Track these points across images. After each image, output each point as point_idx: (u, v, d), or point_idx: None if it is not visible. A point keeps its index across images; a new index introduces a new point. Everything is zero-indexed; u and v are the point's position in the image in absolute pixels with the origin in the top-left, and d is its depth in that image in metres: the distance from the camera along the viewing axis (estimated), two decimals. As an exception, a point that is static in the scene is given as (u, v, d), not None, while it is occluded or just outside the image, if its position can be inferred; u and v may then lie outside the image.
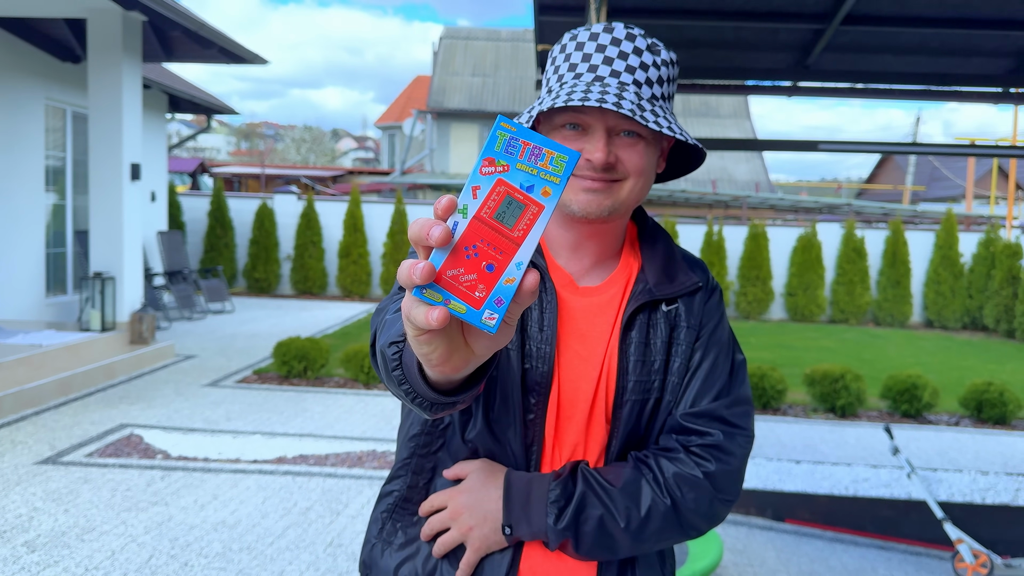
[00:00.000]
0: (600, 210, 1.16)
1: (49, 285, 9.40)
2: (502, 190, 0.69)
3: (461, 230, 0.70)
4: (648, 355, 1.21)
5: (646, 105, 1.14)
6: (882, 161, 31.24)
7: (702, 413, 1.21)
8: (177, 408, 6.24)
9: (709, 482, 1.18)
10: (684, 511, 1.17)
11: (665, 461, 1.19)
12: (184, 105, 12.89)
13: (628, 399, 1.20)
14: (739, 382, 1.26)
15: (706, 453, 1.19)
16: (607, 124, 1.15)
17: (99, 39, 7.80)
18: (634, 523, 1.15)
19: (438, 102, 23.17)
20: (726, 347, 1.27)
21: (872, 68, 4.92)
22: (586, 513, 1.15)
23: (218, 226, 13.88)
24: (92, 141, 7.93)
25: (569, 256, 1.25)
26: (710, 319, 1.26)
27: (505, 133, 0.69)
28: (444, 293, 0.69)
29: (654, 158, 1.20)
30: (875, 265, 13.73)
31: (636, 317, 1.22)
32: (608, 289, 1.24)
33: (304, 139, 51.67)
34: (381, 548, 1.27)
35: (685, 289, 1.24)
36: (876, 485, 5.07)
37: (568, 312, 1.22)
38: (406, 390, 0.97)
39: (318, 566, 3.64)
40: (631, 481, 1.17)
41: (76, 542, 3.76)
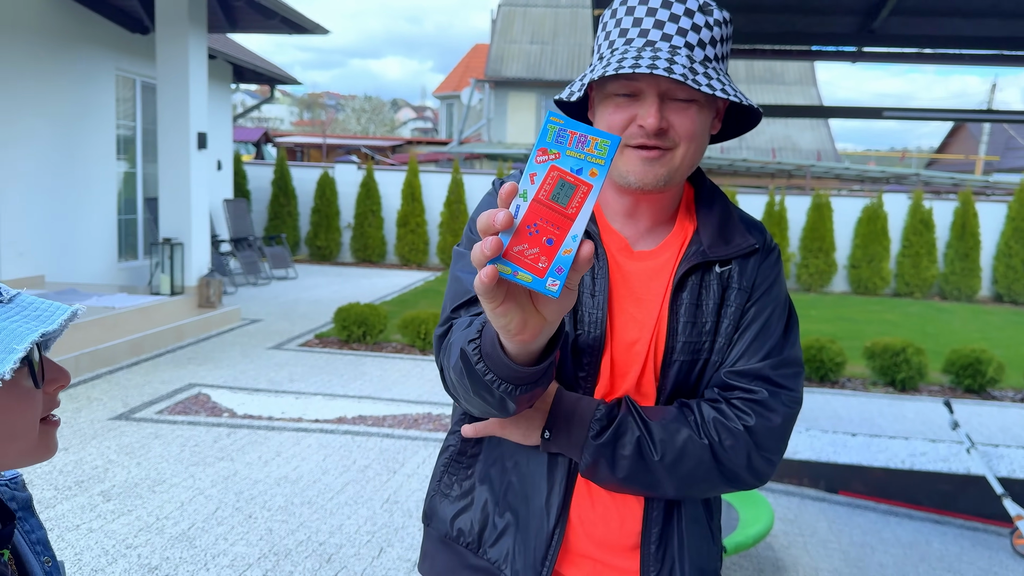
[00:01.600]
0: (656, 180, 1.17)
1: (121, 250, 9.77)
2: (555, 175, 0.80)
3: (523, 212, 0.81)
4: (699, 316, 1.22)
5: (699, 68, 1.12)
6: (954, 130, 30.11)
7: (747, 372, 1.21)
8: (243, 369, 6.47)
9: (748, 434, 1.18)
10: (721, 456, 1.18)
11: (707, 407, 1.20)
12: (248, 75, 13.14)
13: (676, 359, 1.22)
14: (790, 344, 1.24)
15: (747, 407, 1.19)
16: (659, 89, 1.14)
17: (166, 10, 8.00)
18: (669, 457, 1.17)
19: (496, 71, 23.10)
20: (779, 308, 1.26)
21: (941, 32, 4.77)
22: (625, 438, 1.17)
23: (281, 195, 14.18)
24: (160, 110, 8.17)
25: (624, 221, 1.26)
26: (764, 280, 1.25)
27: (554, 126, 0.80)
28: (512, 266, 0.81)
29: (708, 121, 1.19)
30: (943, 237, 13.33)
31: (688, 278, 1.22)
32: (663, 252, 1.25)
33: (364, 109, 52.10)
34: (439, 499, 1.35)
35: (740, 251, 1.24)
36: (934, 459, 5.00)
37: (623, 277, 1.23)
38: (490, 380, 1.01)
39: (375, 521, 3.78)
40: (671, 419, 1.19)
41: (148, 493, 3.97)
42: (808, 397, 6.43)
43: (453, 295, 1.26)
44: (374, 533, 3.66)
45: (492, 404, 1.07)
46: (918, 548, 3.90)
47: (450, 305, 1.25)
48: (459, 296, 1.24)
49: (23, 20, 7.94)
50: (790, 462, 4.71)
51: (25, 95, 8.00)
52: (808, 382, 6.90)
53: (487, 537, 1.29)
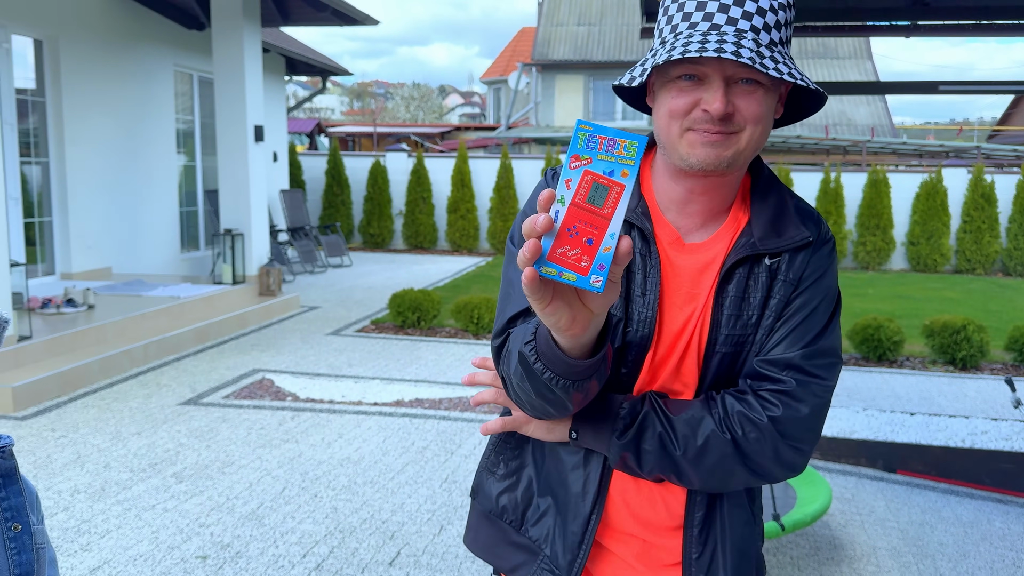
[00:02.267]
0: (719, 162, 1.14)
1: (183, 241, 10.08)
2: (589, 179, 0.86)
3: (562, 216, 0.86)
4: (744, 309, 1.20)
5: (765, 52, 1.10)
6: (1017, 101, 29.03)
7: (779, 361, 1.19)
8: (303, 355, 6.65)
9: (773, 425, 1.16)
10: (745, 449, 1.16)
11: (731, 399, 1.19)
12: (300, 67, 13.37)
13: (719, 351, 1.21)
14: (828, 334, 1.21)
15: (774, 398, 1.17)
16: (725, 73, 1.12)
17: (221, 6, 8.20)
18: (691, 452, 1.17)
19: (543, 54, 23.03)
20: (826, 301, 1.22)
21: (997, 3, 4.65)
22: (647, 434, 1.18)
23: (335, 184, 14.42)
24: (218, 104, 8.39)
25: (678, 211, 1.24)
26: (813, 271, 1.22)
27: (584, 133, 0.86)
28: (557, 267, 0.87)
29: (772, 105, 1.17)
30: (1005, 212, 12.94)
31: (735, 270, 1.20)
32: (714, 245, 1.23)
33: (413, 97, 52.41)
34: (486, 475, 1.40)
35: (792, 244, 1.21)
36: (995, 438, 4.92)
37: (674, 272, 1.22)
38: (548, 378, 1.07)
39: (434, 499, 3.89)
40: (694, 413, 1.19)
41: (218, 474, 4.15)
42: (866, 376, 6.36)
43: (507, 304, 1.26)
44: (434, 511, 3.77)
45: (553, 403, 1.12)
46: (979, 527, 3.86)
47: (505, 315, 1.25)
48: (513, 305, 1.24)
49: (86, 21, 8.22)
50: (847, 442, 4.69)
51: (91, 94, 8.30)
52: (865, 361, 6.82)
53: (529, 516, 1.33)
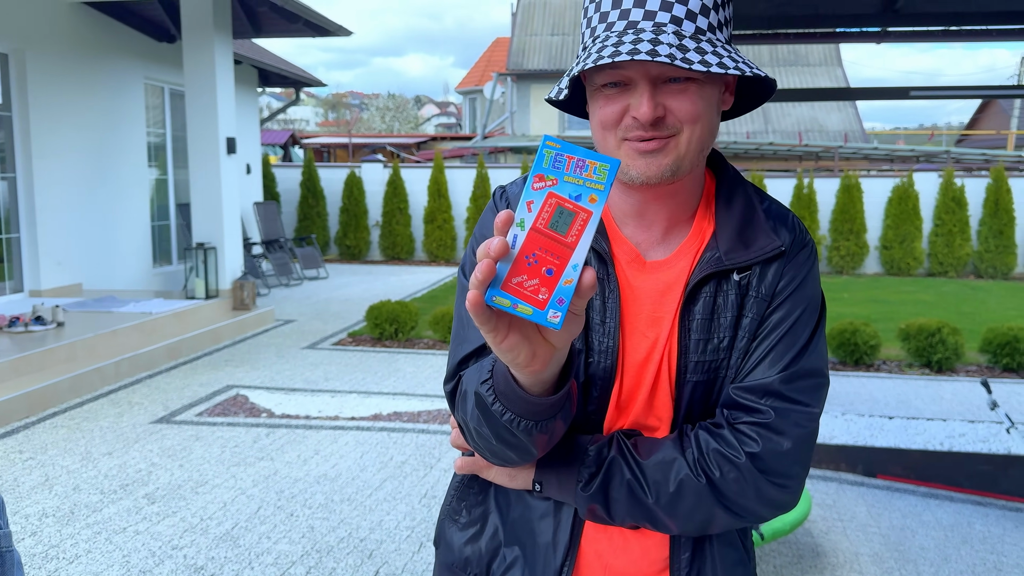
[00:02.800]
0: (660, 172, 1.05)
1: (155, 256, 9.95)
2: (553, 202, 0.78)
3: (520, 241, 0.78)
4: (714, 332, 1.10)
5: (689, 43, 1.00)
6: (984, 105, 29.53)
7: (756, 387, 1.07)
8: (279, 370, 6.56)
9: (752, 463, 1.05)
10: (724, 491, 1.06)
11: (705, 435, 1.08)
12: (273, 79, 13.28)
13: (690, 380, 1.11)
14: (810, 352, 1.10)
15: (752, 432, 1.06)
16: (649, 75, 1.02)
17: (192, 18, 8.11)
18: (664, 498, 1.06)
19: (518, 64, 23.07)
20: (806, 313, 1.11)
21: (967, 9, 4.69)
22: (614, 482, 1.08)
23: (310, 196, 14.32)
24: (189, 117, 8.29)
25: (636, 225, 1.14)
26: (790, 282, 1.11)
27: (551, 151, 0.78)
28: (511, 298, 0.78)
29: (712, 98, 1.06)
30: (976, 215, 13.11)
31: (701, 289, 1.10)
32: (677, 262, 1.13)
33: (388, 107, 52.28)
34: (449, 524, 1.28)
35: (763, 255, 1.10)
36: (973, 440, 4.94)
37: (634, 295, 1.12)
38: (508, 419, 0.97)
39: (414, 516, 3.83)
40: (665, 455, 1.08)
41: (191, 494, 4.06)
42: (843, 381, 6.38)
43: (459, 344, 1.16)
44: (413, 528, 3.71)
45: (515, 448, 1.03)
46: (959, 530, 3.87)
47: (457, 356, 1.15)
48: (466, 345, 1.14)
49: (54, 34, 8.10)
50: (826, 447, 4.69)
51: (59, 107, 8.17)
52: (843, 366, 6.85)
53: (495, 569, 1.20)
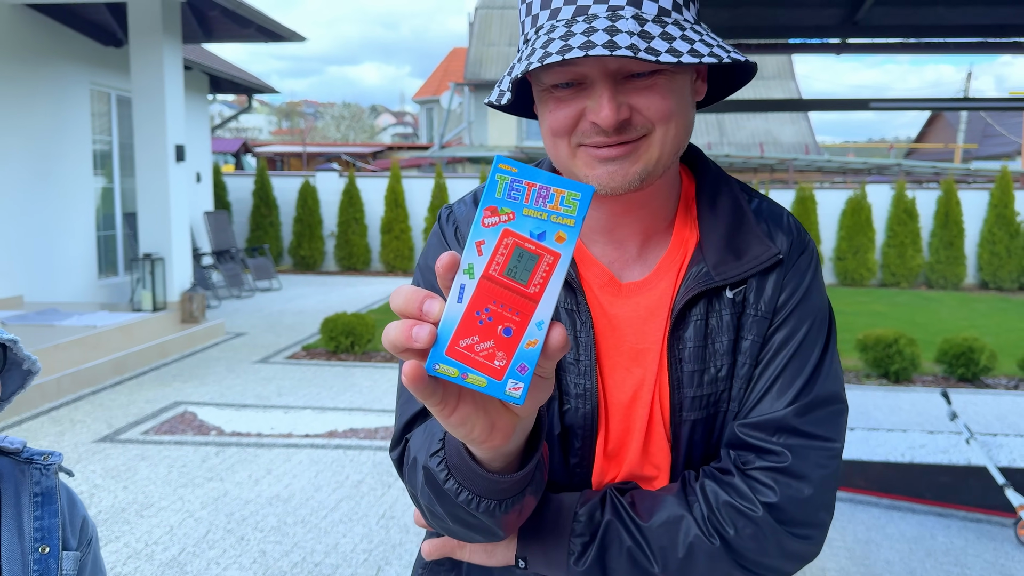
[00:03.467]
0: (627, 181, 0.89)
1: (101, 267, 9.62)
2: (510, 242, 0.61)
3: (469, 294, 0.61)
4: (708, 361, 0.95)
5: (653, 28, 0.83)
6: (931, 120, 30.34)
7: (766, 423, 0.92)
8: (229, 385, 6.35)
9: (771, 515, 0.89)
10: (742, 551, 0.90)
11: (713, 486, 0.92)
12: (225, 85, 13.02)
13: (686, 419, 0.95)
14: (823, 375, 0.95)
15: (767, 478, 0.91)
16: (608, 70, 0.86)
17: (139, 22, 7.87)
18: (672, 566, 0.89)
19: (475, 74, 23.02)
20: (813, 330, 0.96)
21: (925, 22, 4.73)
22: (612, 551, 0.90)
23: (263, 205, 14.05)
24: (136, 124, 8.04)
25: (606, 243, 0.98)
26: (792, 294, 0.96)
27: (505, 176, 0.61)
28: (460, 367, 0.61)
29: (684, 90, 0.90)
30: (927, 226, 13.38)
31: (689, 312, 0.95)
32: (658, 282, 0.97)
33: (343, 116, 51.90)
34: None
35: (758, 265, 0.94)
36: (933, 451, 4.96)
37: (611, 325, 0.97)
38: (465, 500, 0.81)
39: (371, 538, 3.69)
40: (670, 514, 0.91)
41: (135, 518, 3.86)
42: (802, 392, 6.38)
43: (403, 403, 0.98)
44: (371, 551, 3.56)
45: (477, 530, 0.86)
46: (923, 542, 3.85)
47: (402, 419, 0.97)
48: (411, 404, 0.96)
49: (-8, 36, 7.79)
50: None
51: (0, 113, 7.85)
52: (801, 377, 6.86)
53: None
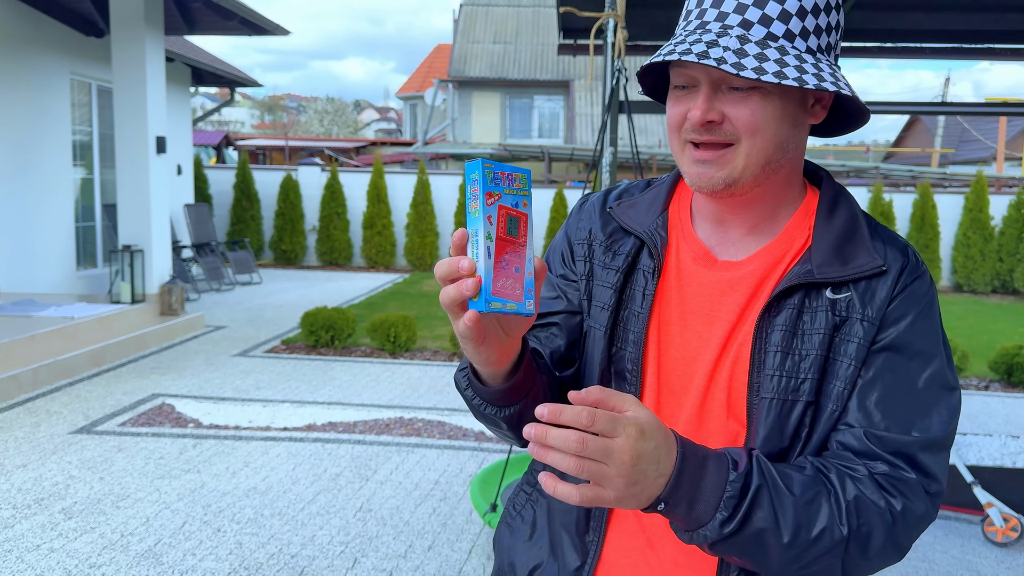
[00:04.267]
0: (711, 183, 1.00)
1: (79, 258, 9.54)
2: (503, 212, 0.90)
3: (493, 251, 0.88)
4: (796, 347, 1.00)
5: (752, 48, 0.95)
6: (910, 124, 30.67)
7: (891, 445, 0.97)
8: (208, 378, 6.33)
9: (892, 521, 0.95)
10: (852, 547, 0.94)
11: (850, 484, 0.95)
12: (207, 78, 12.93)
13: (764, 397, 1.00)
14: (940, 414, 0.99)
15: (893, 487, 0.96)
16: (711, 77, 0.99)
17: (121, 12, 7.82)
18: (800, 543, 0.92)
19: (459, 71, 23.01)
20: (933, 359, 1.00)
21: (903, 27, 4.81)
22: (755, 515, 0.91)
23: (244, 198, 13.97)
24: (117, 115, 7.98)
25: (712, 228, 1.10)
26: (904, 313, 1.00)
27: (489, 171, 0.90)
28: (503, 300, 0.88)
29: (782, 110, 0.99)
30: (903, 229, 13.53)
31: (785, 301, 1.01)
32: (750, 264, 1.06)
33: (327, 111, 51.66)
34: (506, 526, 1.24)
35: (861, 272, 1.00)
36: (904, 449, 5.03)
37: (691, 288, 1.07)
38: (478, 405, 1.06)
39: (348, 530, 3.70)
40: (811, 495, 0.93)
41: (111, 509, 3.85)
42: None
43: None
44: (347, 543, 3.58)
45: (487, 419, 1.08)
46: (892, 539, 3.93)
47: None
48: None
49: (-29, 24, 7.71)
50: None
51: (-25, 101, 7.77)
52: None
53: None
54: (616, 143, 4.14)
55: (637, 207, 1.16)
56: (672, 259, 1.10)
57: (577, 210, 1.23)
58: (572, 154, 17.60)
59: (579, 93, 22.23)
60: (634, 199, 1.18)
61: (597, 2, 4.25)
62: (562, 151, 17.73)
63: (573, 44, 5.32)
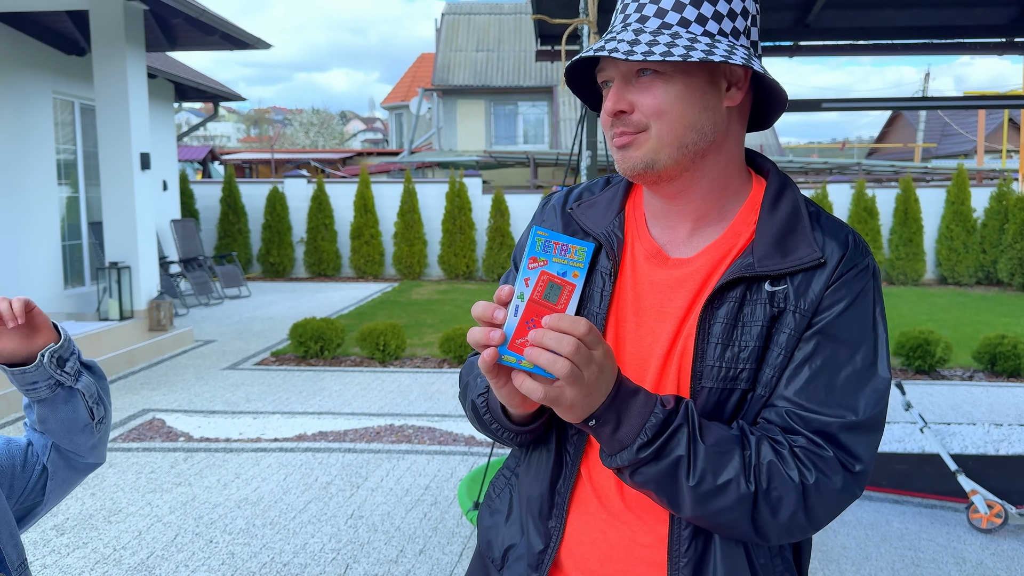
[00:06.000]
0: (632, 165, 1.06)
1: (67, 277, 9.53)
2: (545, 278, 0.95)
3: (521, 311, 0.94)
4: (736, 338, 1.05)
5: (645, 37, 1.02)
6: (892, 120, 30.90)
7: (813, 424, 1.02)
8: (198, 392, 6.35)
9: (804, 491, 0.99)
10: (762, 507, 0.99)
11: (767, 448, 1.01)
12: (191, 93, 12.95)
13: (704, 386, 1.05)
14: (871, 401, 1.03)
15: (810, 460, 1.00)
16: (619, 71, 1.07)
17: (102, 30, 7.84)
18: (704, 487, 0.98)
19: (443, 79, 23.08)
20: (862, 343, 1.04)
21: (874, 24, 4.88)
22: (669, 450, 0.98)
23: (231, 212, 13.98)
24: (101, 132, 8.00)
25: (663, 224, 1.14)
26: (835, 301, 1.04)
27: (540, 239, 0.96)
28: (518, 356, 0.94)
29: (687, 92, 1.04)
30: (887, 224, 13.64)
31: (727, 294, 1.05)
32: (698, 260, 1.10)
33: (312, 123, 51.61)
34: (487, 507, 1.31)
35: (798, 265, 1.04)
36: (889, 440, 5.10)
37: (644, 286, 1.12)
38: (495, 429, 1.16)
39: (339, 537, 3.73)
40: (724, 448, 1.00)
41: (103, 524, 3.87)
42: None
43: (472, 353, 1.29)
44: (339, 550, 3.61)
45: (498, 438, 1.20)
46: (879, 528, 3.97)
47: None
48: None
49: (-49, 46, 7.72)
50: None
51: (-43, 122, 7.78)
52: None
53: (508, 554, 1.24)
54: (595, 147, 4.20)
55: (596, 207, 1.20)
56: (628, 259, 1.15)
57: (540, 211, 1.27)
58: (557, 159, 17.67)
59: (563, 98, 22.32)
60: (594, 198, 1.22)
61: (572, 8, 4.31)
62: (547, 156, 17.80)
63: (551, 50, 5.38)
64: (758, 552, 1.08)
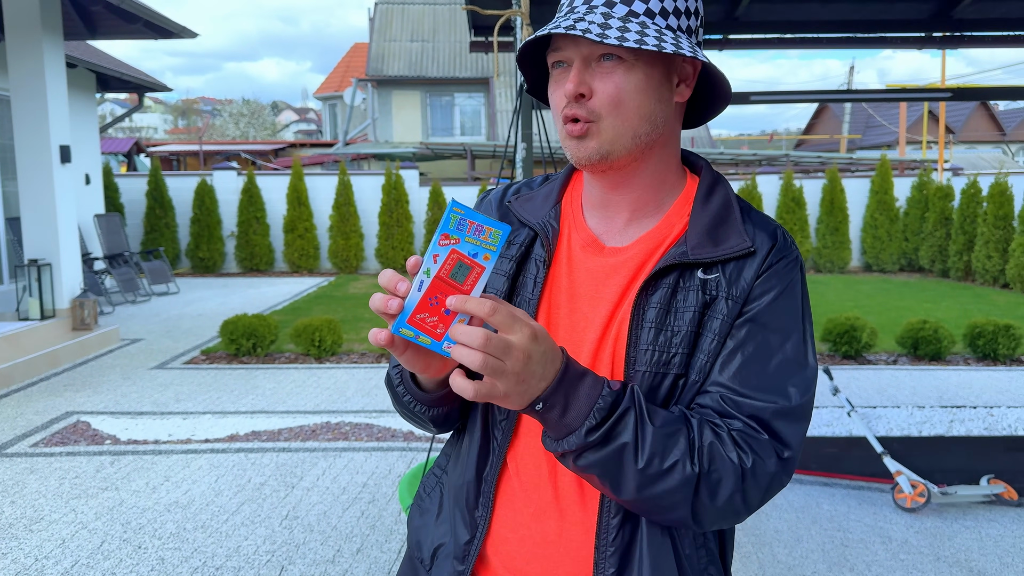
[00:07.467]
0: (588, 153, 1.06)
1: (-18, 275, 9.13)
2: (455, 257, 0.93)
3: (426, 286, 0.93)
4: (669, 323, 1.06)
5: (615, 23, 1.02)
6: (819, 112, 31.73)
7: (747, 409, 1.04)
8: (124, 392, 6.15)
9: (742, 474, 1.00)
10: (702, 490, 0.99)
11: (708, 430, 1.02)
12: (114, 84, 12.50)
13: (638, 370, 1.06)
14: (799, 389, 1.05)
15: (747, 443, 1.02)
16: (580, 53, 1.05)
17: (16, 17, 7.50)
18: (653, 471, 0.98)
19: (377, 69, 22.78)
20: (791, 333, 1.07)
21: (801, 18, 4.98)
22: (619, 431, 0.97)
23: (157, 206, 13.58)
24: (16, 124, 7.66)
25: (601, 215, 1.15)
26: (766, 290, 1.07)
27: (456, 215, 0.93)
28: (415, 331, 0.94)
29: (644, 83, 1.05)
30: (814, 213, 14.01)
31: (660, 280, 1.07)
32: (633, 248, 1.12)
33: (243, 113, 50.45)
34: (417, 507, 1.30)
35: (731, 254, 1.07)
36: (817, 424, 5.24)
37: (579, 274, 1.13)
38: (407, 401, 1.15)
39: (274, 539, 3.66)
40: (672, 429, 1.00)
41: (24, 533, 3.71)
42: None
43: None
44: (274, 552, 3.54)
45: (413, 418, 1.18)
46: (809, 511, 4.07)
47: None
48: None
49: None
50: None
51: None
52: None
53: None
54: (530, 139, 4.19)
55: (533, 200, 1.23)
56: (563, 247, 1.16)
57: (478, 204, 1.30)
58: (495, 151, 17.64)
59: (499, 90, 22.27)
60: (532, 192, 1.25)
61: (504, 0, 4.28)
62: (484, 148, 17.75)
63: (484, 41, 5.35)
64: (683, 542, 1.09)
